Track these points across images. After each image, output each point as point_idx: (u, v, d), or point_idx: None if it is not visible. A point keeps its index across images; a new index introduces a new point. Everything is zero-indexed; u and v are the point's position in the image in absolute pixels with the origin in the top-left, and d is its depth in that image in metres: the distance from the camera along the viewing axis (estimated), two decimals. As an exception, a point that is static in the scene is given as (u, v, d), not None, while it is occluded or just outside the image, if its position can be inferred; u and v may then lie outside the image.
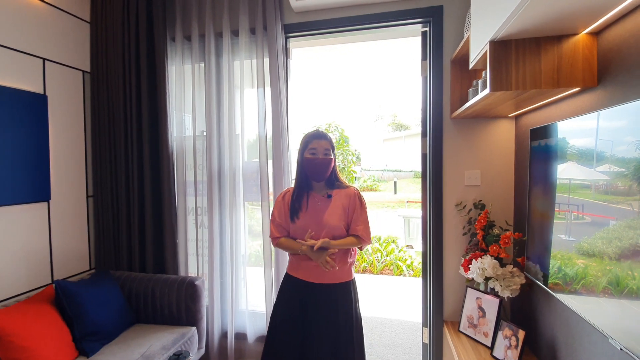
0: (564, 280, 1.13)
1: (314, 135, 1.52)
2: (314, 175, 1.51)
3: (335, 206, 1.51)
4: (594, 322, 0.98)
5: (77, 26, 2.18)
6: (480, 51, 1.29)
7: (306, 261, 1.49)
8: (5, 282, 1.75)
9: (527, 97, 1.33)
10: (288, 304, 1.51)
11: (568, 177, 1.12)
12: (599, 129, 0.96)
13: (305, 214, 1.50)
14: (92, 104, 2.24)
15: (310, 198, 1.53)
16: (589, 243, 1.01)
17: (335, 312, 1.46)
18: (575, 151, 1.08)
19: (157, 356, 1.70)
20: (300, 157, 1.53)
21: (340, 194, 1.54)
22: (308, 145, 1.50)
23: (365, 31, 2.08)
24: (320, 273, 1.47)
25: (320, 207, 1.50)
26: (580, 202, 1.05)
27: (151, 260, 2.21)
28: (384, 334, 2.82)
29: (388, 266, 4.95)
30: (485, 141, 1.91)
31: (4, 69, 1.75)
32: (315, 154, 1.48)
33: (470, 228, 1.91)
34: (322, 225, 1.47)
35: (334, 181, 1.56)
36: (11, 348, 1.35)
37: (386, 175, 20.01)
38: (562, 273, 1.15)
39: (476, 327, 1.74)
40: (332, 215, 1.48)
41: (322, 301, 1.46)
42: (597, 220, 0.98)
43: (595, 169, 0.97)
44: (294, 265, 1.55)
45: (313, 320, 1.45)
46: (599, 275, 0.96)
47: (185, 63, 2.24)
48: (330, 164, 1.50)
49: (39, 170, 1.91)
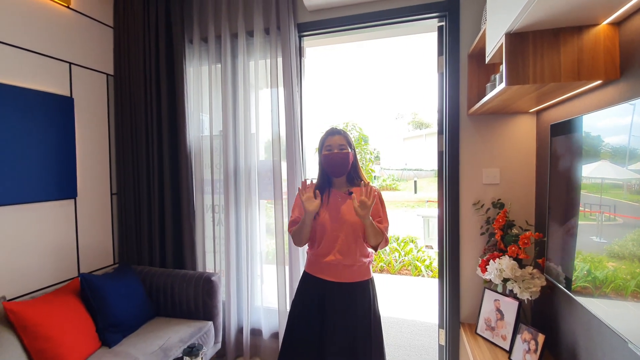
0: (594, 284, 1.07)
1: (329, 133, 1.53)
2: (332, 171, 1.50)
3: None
4: (616, 326, 0.93)
5: (101, 31, 2.28)
6: (496, 44, 1.24)
7: (325, 259, 1.47)
8: (35, 275, 1.86)
9: (547, 91, 1.27)
10: (306, 302, 1.49)
11: (594, 175, 1.05)
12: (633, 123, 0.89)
13: (325, 210, 1.48)
14: (116, 105, 2.34)
15: (332, 195, 1.52)
16: (620, 245, 0.95)
17: (354, 311, 1.43)
18: (605, 148, 1.00)
19: (175, 349, 1.75)
20: (319, 155, 1.55)
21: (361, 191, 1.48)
22: (324, 144, 1.51)
23: (380, 27, 2.06)
24: (339, 272, 1.45)
25: (341, 204, 1.49)
26: (611, 203, 0.99)
27: (171, 256, 2.28)
28: (400, 335, 2.78)
29: (406, 266, 4.88)
30: (504, 138, 1.84)
31: (34, 73, 1.86)
32: (331, 150, 1.48)
33: (488, 228, 1.85)
34: (342, 221, 1.45)
35: (354, 178, 1.55)
36: (37, 337, 1.43)
37: (406, 175, 19.70)
38: (591, 276, 1.09)
39: (494, 330, 1.69)
40: (352, 212, 1.43)
41: (341, 300, 1.44)
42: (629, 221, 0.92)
43: (628, 167, 0.91)
44: (313, 263, 1.53)
45: (331, 319, 1.43)
46: (628, 279, 0.91)
47: (203, 64, 2.30)
48: (347, 158, 1.48)
49: (66, 169, 2.01)
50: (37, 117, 1.86)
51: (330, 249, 1.46)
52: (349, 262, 1.45)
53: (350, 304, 1.44)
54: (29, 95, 1.82)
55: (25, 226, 1.81)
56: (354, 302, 1.44)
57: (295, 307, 1.54)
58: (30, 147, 1.83)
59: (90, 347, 1.62)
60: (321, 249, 1.47)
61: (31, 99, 1.83)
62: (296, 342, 1.48)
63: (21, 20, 1.80)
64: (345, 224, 1.45)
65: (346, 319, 1.42)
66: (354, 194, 1.44)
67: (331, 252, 1.45)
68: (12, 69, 1.76)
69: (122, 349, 1.67)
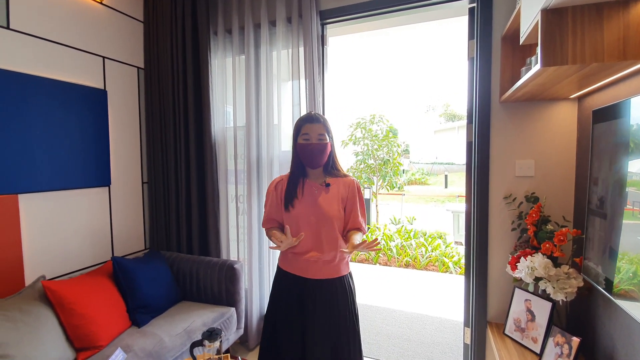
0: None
1: (306, 119, 1.39)
2: (308, 162, 1.39)
3: (332, 195, 1.40)
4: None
5: (133, 26, 2.36)
6: (532, 22, 1.14)
7: (302, 256, 1.39)
8: (73, 257, 1.99)
9: (589, 74, 1.15)
10: (285, 301, 1.42)
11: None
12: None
13: (301, 203, 1.38)
14: (146, 97, 2.43)
15: (306, 186, 1.41)
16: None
17: (336, 307, 1.38)
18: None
19: (198, 332, 1.82)
20: (294, 143, 1.43)
21: (338, 182, 1.43)
22: (300, 131, 1.38)
23: (407, 12, 1.97)
24: (318, 268, 1.38)
25: (317, 196, 1.39)
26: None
27: (197, 243, 2.36)
28: (424, 331, 2.71)
29: (433, 262, 4.75)
30: (541, 127, 1.71)
31: (71, 67, 1.96)
32: (308, 140, 1.36)
33: (520, 223, 1.74)
34: (320, 214, 1.36)
35: (332, 169, 1.44)
36: (74, 315, 1.53)
37: (436, 169, 19.10)
38: (637, 279, 0.99)
39: (524, 332, 1.59)
40: (331, 205, 1.37)
41: (322, 297, 1.37)
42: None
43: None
44: (290, 260, 1.43)
45: (312, 316, 1.37)
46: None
47: (227, 56, 2.32)
48: (325, 149, 1.37)
49: (101, 158, 2.13)
50: (75, 109, 1.97)
51: (309, 246, 1.37)
52: (329, 258, 1.38)
53: (332, 301, 1.37)
54: (67, 89, 1.93)
55: (65, 211, 1.94)
56: (336, 298, 1.37)
57: (275, 304, 1.45)
58: (70, 137, 1.95)
59: (121, 326, 1.71)
60: (299, 246, 1.37)
61: (70, 92, 1.94)
62: (279, 342, 1.41)
63: (60, 18, 1.90)
64: (324, 218, 1.36)
65: (328, 315, 1.36)
66: (330, 185, 1.38)
67: (311, 249, 1.37)
68: (53, 63, 1.87)
69: (149, 329, 1.75)
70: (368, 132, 7.80)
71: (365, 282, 4.06)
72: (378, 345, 2.50)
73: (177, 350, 1.70)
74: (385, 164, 7.71)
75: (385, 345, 2.50)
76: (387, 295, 3.61)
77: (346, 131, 8.05)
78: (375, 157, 7.77)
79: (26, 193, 1.75)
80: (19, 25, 1.72)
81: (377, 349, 2.46)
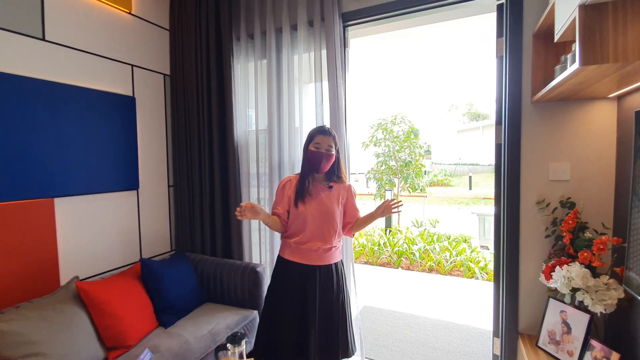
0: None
1: (319, 131, 1.65)
2: (315, 167, 1.64)
3: (334, 195, 1.68)
4: None
5: (159, 34, 2.44)
6: (568, 19, 1.08)
7: (306, 246, 1.62)
8: (104, 258, 2.07)
9: (631, 72, 1.07)
10: (287, 286, 1.63)
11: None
12: None
13: (308, 200, 1.63)
14: (172, 103, 2.50)
15: (314, 187, 1.67)
16: None
17: (331, 288, 1.64)
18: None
19: (222, 334, 1.84)
20: (305, 148, 1.68)
21: (339, 186, 1.72)
22: (313, 139, 1.64)
23: (431, 10, 1.92)
24: (319, 256, 1.63)
25: (322, 195, 1.66)
26: None
27: (220, 245, 2.39)
28: (450, 339, 2.63)
29: (458, 267, 4.61)
30: (576, 128, 1.62)
31: (102, 75, 2.05)
32: (319, 148, 1.62)
33: (554, 230, 1.65)
34: (323, 211, 1.63)
35: (333, 175, 1.71)
36: (105, 315, 1.59)
37: (460, 170, 18.59)
38: None
39: (559, 345, 1.51)
40: (333, 203, 1.66)
41: (321, 280, 1.62)
42: None
43: None
44: (293, 250, 1.65)
45: (313, 300, 1.59)
46: None
47: (249, 61, 2.35)
48: (331, 159, 1.65)
49: (130, 162, 2.20)
50: (106, 116, 2.05)
51: (313, 237, 1.62)
52: (328, 247, 1.64)
53: (328, 283, 1.64)
54: (98, 96, 2.01)
55: (96, 214, 2.02)
56: (331, 281, 1.65)
57: (274, 290, 1.68)
58: (101, 143, 2.03)
59: (149, 326, 1.76)
60: (304, 237, 1.63)
61: (100, 100, 2.02)
62: (277, 321, 1.62)
63: (91, 29, 1.99)
64: (328, 214, 1.64)
65: (325, 295, 1.63)
66: (333, 187, 1.69)
67: (314, 240, 1.63)
68: (84, 72, 1.95)
69: (175, 330, 1.79)
70: (389, 133, 7.69)
71: (388, 287, 4.00)
72: (402, 352, 2.44)
73: (202, 352, 1.73)
74: (407, 165, 7.57)
75: (410, 353, 2.44)
76: (410, 300, 3.54)
77: (367, 132, 7.97)
78: (397, 159, 7.65)
79: (61, 197, 1.84)
80: (54, 37, 1.81)
81: (401, 356, 2.40)
